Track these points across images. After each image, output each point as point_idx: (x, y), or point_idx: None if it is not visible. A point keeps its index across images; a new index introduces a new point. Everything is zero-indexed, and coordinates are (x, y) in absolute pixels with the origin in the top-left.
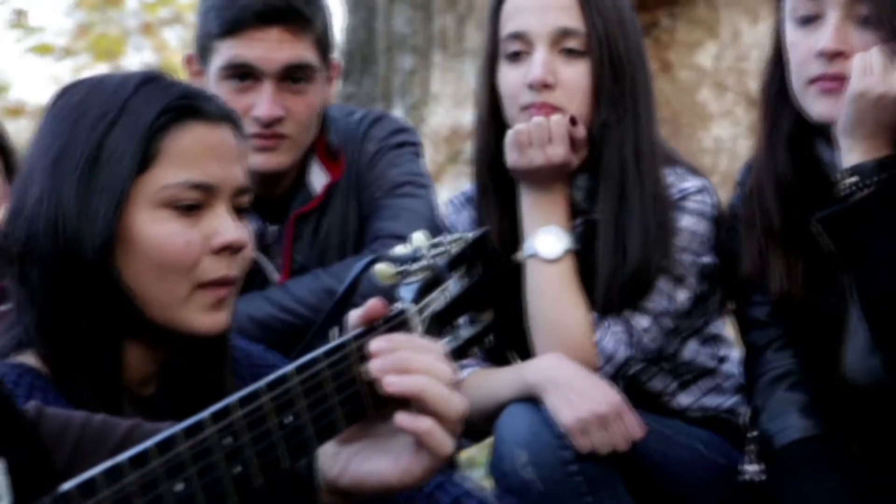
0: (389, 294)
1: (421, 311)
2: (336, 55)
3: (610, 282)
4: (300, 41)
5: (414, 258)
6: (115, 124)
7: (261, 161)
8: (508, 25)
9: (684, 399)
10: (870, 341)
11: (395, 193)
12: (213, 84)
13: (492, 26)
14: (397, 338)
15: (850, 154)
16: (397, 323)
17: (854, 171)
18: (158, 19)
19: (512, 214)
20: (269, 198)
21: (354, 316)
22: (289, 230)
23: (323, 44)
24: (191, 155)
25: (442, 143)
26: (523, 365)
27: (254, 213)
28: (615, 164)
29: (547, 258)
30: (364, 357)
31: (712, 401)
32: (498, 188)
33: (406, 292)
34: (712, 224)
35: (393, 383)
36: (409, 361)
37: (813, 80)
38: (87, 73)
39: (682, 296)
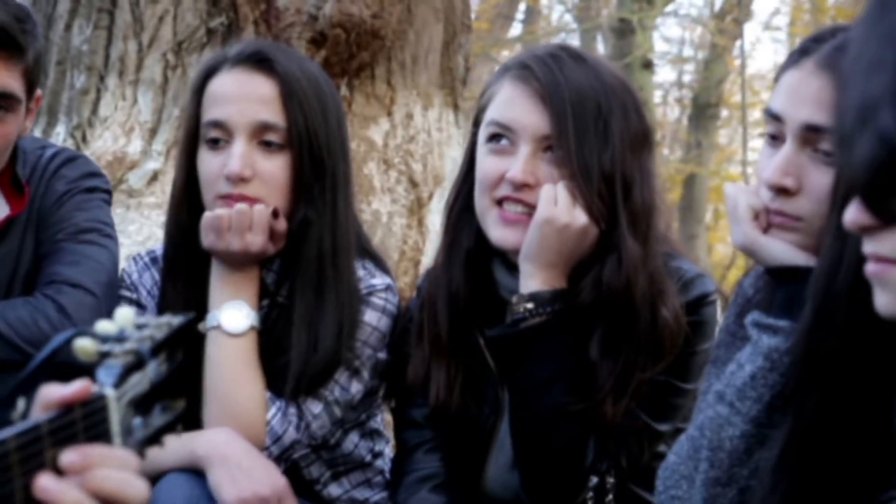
0: (87, 370)
1: (119, 398)
2: (39, 90)
3: (300, 374)
4: (8, 69)
5: (119, 339)
6: None
7: None
8: (210, 112)
9: (335, 489)
10: (512, 458)
11: (78, 239)
12: None
13: (193, 106)
14: (93, 454)
15: (530, 280)
16: (95, 409)
17: (531, 297)
18: None
19: (198, 286)
20: None
21: (52, 393)
22: None
23: (31, 75)
24: None
25: (103, 168)
26: (193, 435)
27: None
28: (313, 258)
29: (230, 332)
30: (58, 441)
31: (361, 494)
32: (188, 261)
33: (106, 375)
34: (392, 322)
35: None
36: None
37: (498, 202)
38: None
39: (355, 388)
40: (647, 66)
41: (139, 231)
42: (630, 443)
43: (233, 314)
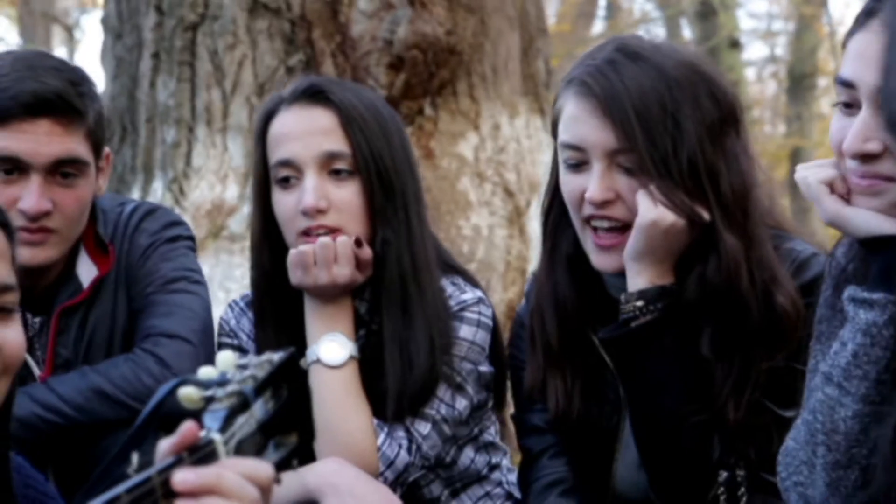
0: (194, 417)
1: (227, 441)
2: (107, 147)
3: (399, 394)
4: (71, 134)
5: (220, 382)
6: None
7: (27, 256)
8: (276, 152)
9: None
10: (639, 456)
11: (168, 289)
12: None
13: (259, 151)
14: (205, 470)
15: (638, 278)
16: (204, 455)
17: (641, 295)
18: None
19: (291, 325)
20: (33, 289)
21: (163, 444)
22: (53, 323)
23: (95, 136)
24: None
25: (203, 218)
26: (304, 468)
27: None
28: (395, 279)
29: (330, 364)
30: (169, 493)
31: None
32: (276, 303)
33: (212, 420)
34: (489, 334)
35: None
36: (221, 483)
37: (586, 220)
38: None
39: (461, 404)
40: (735, 45)
41: (245, 275)
42: (757, 434)
43: (330, 347)
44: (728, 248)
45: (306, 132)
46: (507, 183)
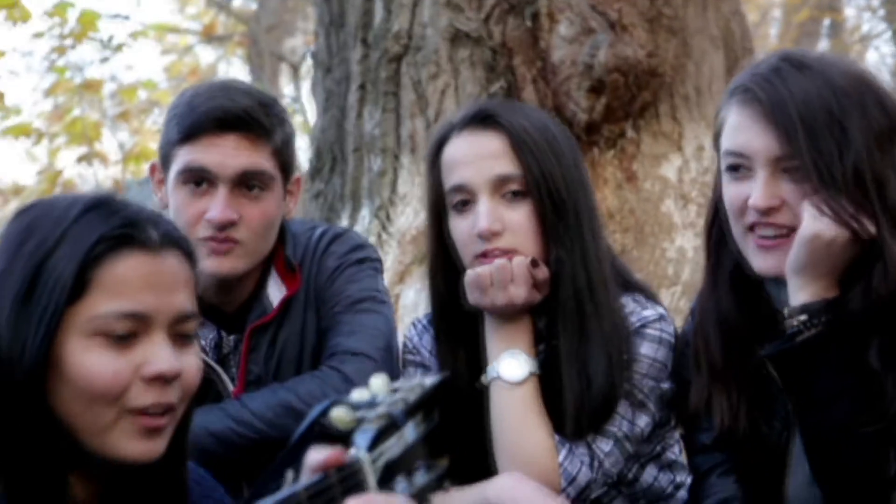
0: (346, 437)
1: (375, 460)
2: (300, 169)
3: (578, 411)
4: (257, 150)
5: (371, 404)
6: (54, 252)
7: (213, 265)
8: (449, 178)
9: None
10: (811, 473)
11: (354, 309)
12: (171, 190)
13: (432, 177)
14: (376, 499)
15: (801, 293)
16: (350, 472)
17: (804, 309)
18: (136, 107)
19: (469, 344)
20: (227, 308)
21: (312, 459)
22: (245, 341)
23: (282, 156)
24: (124, 284)
25: (408, 244)
26: (484, 483)
27: (211, 323)
28: (571, 298)
29: (510, 381)
30: None
31: None
32: (453, 324)
33: (361, 440)
34: (670, 351)
35: None
36: None
37: (750, 228)
38: (62, 156)
39: (643, 421)
40: None
41: None
42: None
43: (510, 363)
44: (894, 259)
45: (477, 157)
46: None
